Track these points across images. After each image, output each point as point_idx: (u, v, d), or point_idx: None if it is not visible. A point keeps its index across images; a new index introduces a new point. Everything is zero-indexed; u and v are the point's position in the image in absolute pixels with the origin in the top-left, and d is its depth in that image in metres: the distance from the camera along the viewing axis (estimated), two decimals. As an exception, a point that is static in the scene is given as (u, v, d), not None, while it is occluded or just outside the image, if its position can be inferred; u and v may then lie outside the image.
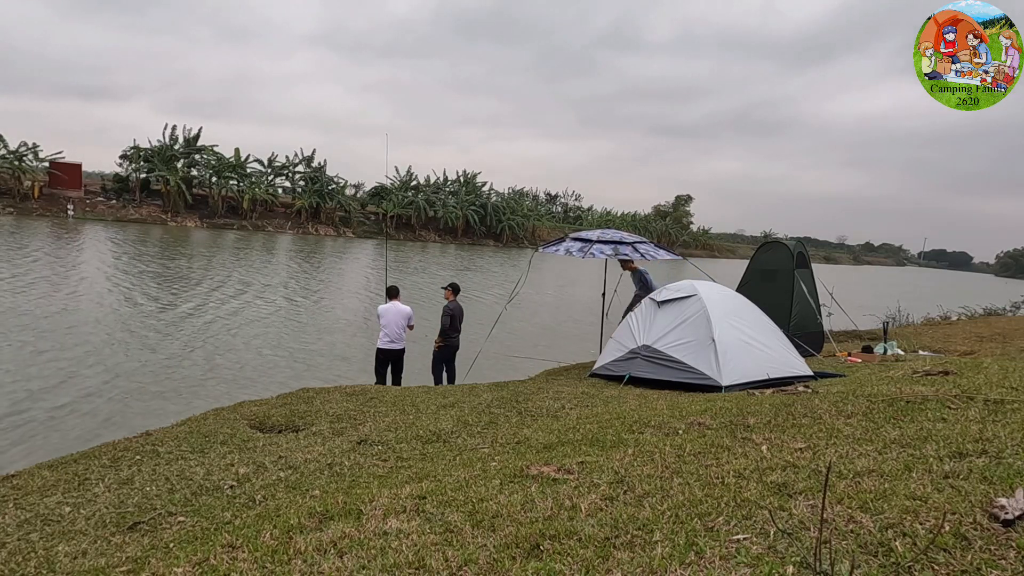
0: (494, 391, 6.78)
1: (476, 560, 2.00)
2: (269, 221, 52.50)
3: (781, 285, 10.77)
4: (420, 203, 60.04)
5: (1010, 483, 2.14)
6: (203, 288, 19.87)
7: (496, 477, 2.96)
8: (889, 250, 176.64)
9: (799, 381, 6.25)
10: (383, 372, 8.85)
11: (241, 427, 5.36)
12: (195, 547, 2.60)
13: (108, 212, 45.15)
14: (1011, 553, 1.70)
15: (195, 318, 15.19)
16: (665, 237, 78.66)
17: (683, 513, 2.19)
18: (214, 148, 50.40)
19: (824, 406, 3.77)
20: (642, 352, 7.37)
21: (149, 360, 11.18)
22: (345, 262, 35.46)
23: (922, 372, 5.04)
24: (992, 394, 3.71)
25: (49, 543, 3.18)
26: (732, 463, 2.76)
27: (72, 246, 28.26)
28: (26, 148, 43.68)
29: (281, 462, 4.27)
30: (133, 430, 5.89)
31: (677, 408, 4.69)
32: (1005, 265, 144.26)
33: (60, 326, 12.97)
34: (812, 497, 2.21)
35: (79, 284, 18.34)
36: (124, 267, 23.11)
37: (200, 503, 3.60)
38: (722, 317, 7.15)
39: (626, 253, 9.93)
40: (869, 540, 1.83)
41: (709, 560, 1.82)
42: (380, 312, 8.80)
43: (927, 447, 2.71)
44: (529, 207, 73.64)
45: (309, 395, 6.61)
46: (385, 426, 5.20)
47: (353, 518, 2.55)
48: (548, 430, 4.37)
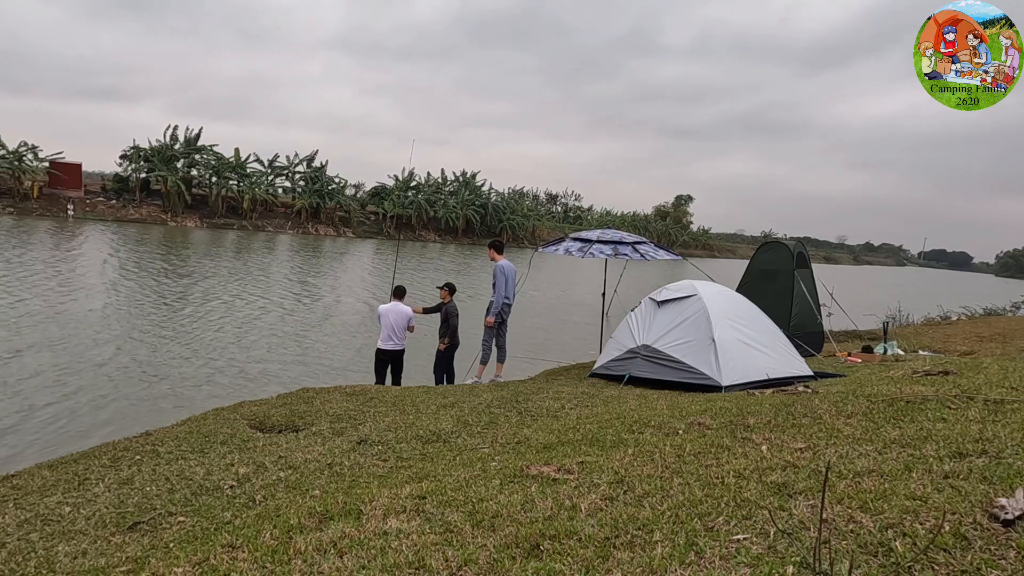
0: (494, 391, 6.78)
1: (476, 560, 2.00)
2: (269, 221, 52.50)
3: (781, 285, 10.78)
4: (420, 203, 60.05)
5: (1010, 483, 2.14)
6: (203, 288, 19.87)
7: (496, 477, 2.96)
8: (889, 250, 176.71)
9: (799, 381, 6.25)
10: (383, 372, 8.84)
11: (241, 427, 5.36)
12: (195, 547, 2.60)
13: (108, 212, 45.13)
14: (1011, 553, 1.69)
15: (195, 318, 15.18)
16: (665, 237, 78.67)
17: (683, 513, 2.19)
18: (214, 148, 50.43)
19: (824, 406, 3.77)
20: (642, 352, 7.37)
21: (149, 360, 11.17)
22: (345, 262, 35.46)
23: (922, 372, 5.04)
24: (992, 394, 3.71)
25: (49, 543, 3.18)
26: (732, 463, 2.75)
27: (71, 246, 28.25)
28: (26, 148, 43.69)
29: (281, 462, 4.27)
30: (133, 430, 5.89)
31: (677, 408, 4.69)
32: (1005, 265, 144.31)
33: (59, 326, 12.97)
34: (812, 497, 2.21)
35: (78, 284, 18.33)
36: (123, 267, 23.11)
37: (200, 503, 3.59)
38: (722, 317, 7.15)
39: (626, 253, 9.94)
40: (869, 540, 1.83)
41: (709, 560, 1.82)
42: (381, 312, 8.79)
43: (927, 447, 2.71)
44: (529, 207, 73.66)
45: (309, 395, 6.61)
46: (385, 426, 5.20)
47: (353, 518, 2.55)
48: (548, 430, 4.37)
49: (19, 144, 43.41)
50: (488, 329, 8.84)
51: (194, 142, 49.60)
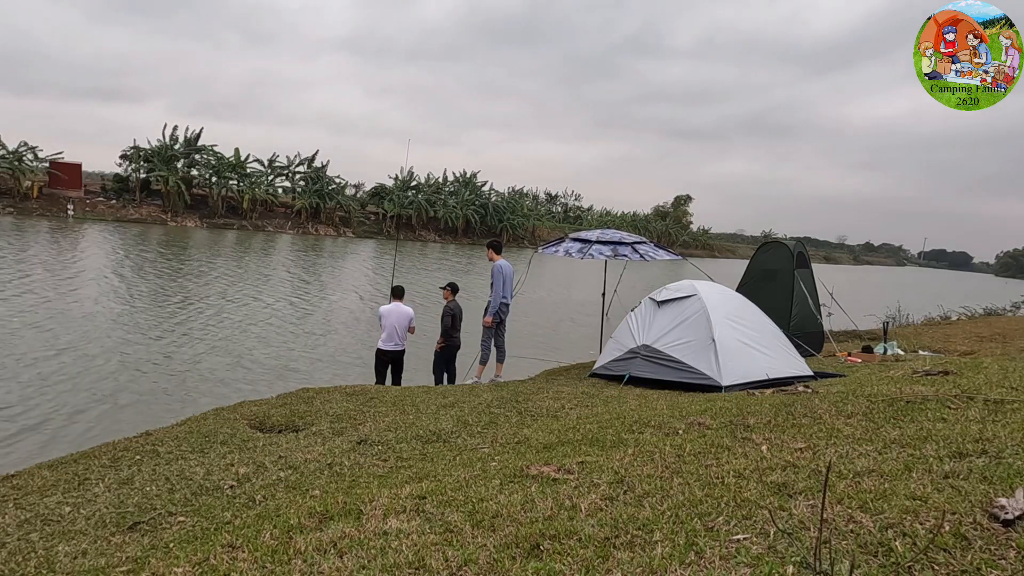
0: (494, 391, 6.78)
1: (476, 560, 2.00)
2: (269, 221, 52.50)
3: (781, 285, 10.77)
4: (420, 203, 60.06)
5: (1010, 483, 2.14)
6: (203, 288, 19.87)
7: (496, 477, 2.96)
8: (889, 250, 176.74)
9: (799, 381, 6.25)
10: (383, 372, 8.85)
11: (241, 427, 5.36)
12: (195, 547, 2.60)
13: (108, 212, 45.12)
14: (1011, 553, 1.69)
15: (195, 318, 15.18)
16: (665, 237, 78.67)
17: (683, 513, 2.19)
18: (214, 148, 50.44)
19: (824, 406, 3.77)
20: (642, 352, 7.37)
21: (149, 360, 11.17)
22: (345, 262, 35.46)
23: (922, 372, 5.04)
24: (992, 394, 3.71)
25: (49, 543, 3.18)
26: (732, 463, 2.75)
27: (71, 246, 28.25)
28: (25, 148, 43.69)
29: (281, 462, 4.27)
30: (133, 430, 5.89)
31: (677, 408, 4.69)
32: (1005, 265, 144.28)
33: (58, 326, 12.97)
34: (812, 497, 2.21)
35: (77, 284, 18.33)
36: (123, 267, 23.11)
37: (200, 503, 3.59)
38: (722, 317, 7.15)
39: (625, 254, 9.93)
40: (869, 540, 1.83)
41: (709, 560, 1.82)
42: (381, 313, 8.79)
43: (927, 447, 2.71)
44: (529, 207, 73.64)
45: (309, 395, 6.61)
46: (385, 426, 5.20)
47: (353, 518, 2.55)
48: (548, 430, 4.37)
49: (19, 144, 43.45)
50: (487, 329, 8.85)
51: (194, 142, 49.59)
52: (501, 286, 8.74)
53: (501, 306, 8.78)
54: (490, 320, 8.73)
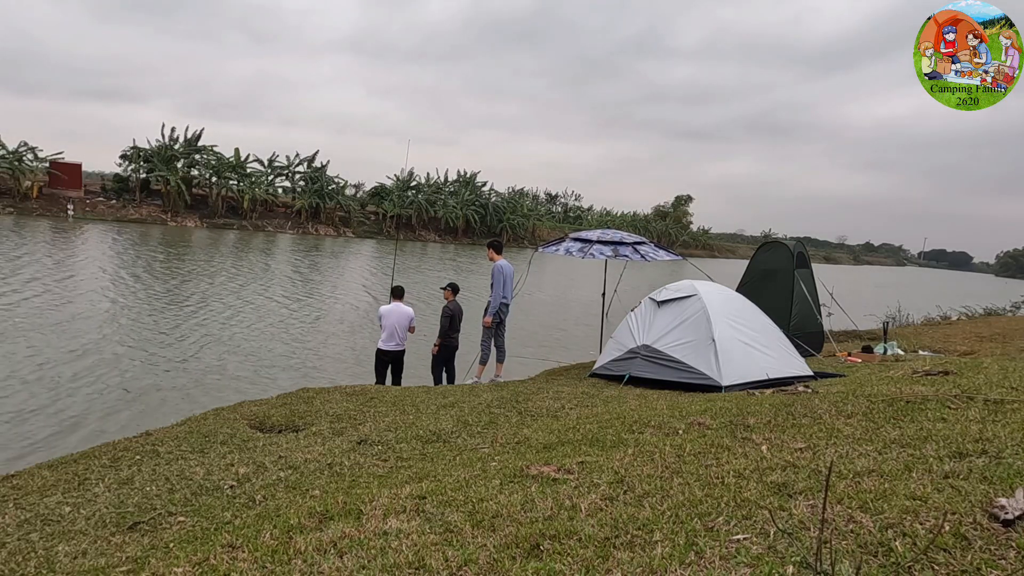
0: (494, 391, 6.78)
1: (476, 560, 1.99)
2: (269, 221, 52.49)
3: (781, 285, 10.78)
4: (420, 203, 60.05)
5: (1010, 483, 2.14)
6: (203, 288, 19.86)
7: (496, 477, 2.96)
8: (889, 250, 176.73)
9: (799, 381, 6.25)
10: (383, 372, 8.85)
11: (241, 427, 5.36)
12: (195, 547, 2.60)
13: (108, 212, 45.11)
14: (1011, 553, 1.69)
15: (195, 318, 15.18)
16: (665, 237, 78.68)
17: (683, 513, 2.19)
18: (214, 148, 50.44)
19: (824, 406, 3.77)
20: (642, 352, 7.37)
21: (148, 359, 11.17)
22: (345, 262, 35.46)
23: (922, 372, 5.04)
24: (992, 394, 3.71)
25: (49, 543, 3.18)
26: (732, 463, 2.75)
27: (71, 246, 28.25)
28: (25, 148, 43.68)
29: (281, 462, 4.27)
30: (133, 430, 5.89)
31: (677, 408, 4.69)
32: (1005, 265, 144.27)
33: (58, 326, 12.96)
34: (812, 497, 2.21)
35: (77, 284, 18.33)
36: (122, 267, 23.10)
37: (200, 503, 3.59)
38: (722, 317, 7.15)
39: (626, 254, 9.93)
40: (869, 540, 1.83)
41: (709, 560, 1.82)
42: (382, 313, 8.80)
43: (927, 447, 2.71)
44: (529, 207, 73.64)
45: (309, 395, 6.61)
46: (385, 426, 5.20)
47: (353, 518, 2.55)
48: (548, 430, 4.37)
49: (19, 144, 43.44)
50: (487, 329, 8.85)
51: (194, 142, 49.58)
52: (501, 286, 8.75)
53: (501, 306, 8.79)
54: (490, 320, 8.74)
